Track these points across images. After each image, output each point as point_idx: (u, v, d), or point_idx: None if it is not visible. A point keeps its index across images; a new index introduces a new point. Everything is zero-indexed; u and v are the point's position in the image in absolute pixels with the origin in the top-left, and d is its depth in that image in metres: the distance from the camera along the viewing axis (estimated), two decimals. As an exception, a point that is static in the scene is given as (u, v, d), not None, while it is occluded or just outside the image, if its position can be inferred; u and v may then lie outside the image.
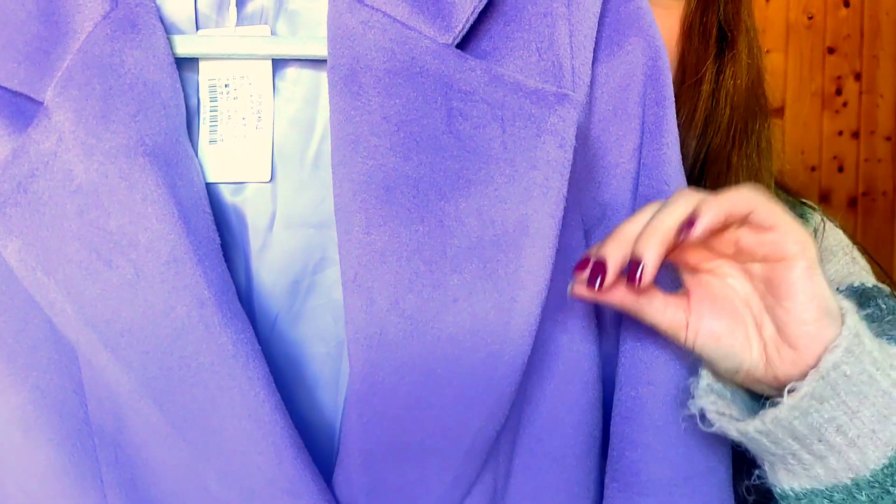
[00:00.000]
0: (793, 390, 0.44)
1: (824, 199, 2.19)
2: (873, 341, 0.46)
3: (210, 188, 0.50)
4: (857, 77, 2.22)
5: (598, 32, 0.50)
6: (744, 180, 0.71)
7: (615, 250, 0.45)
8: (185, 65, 0.50)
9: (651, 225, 0.44)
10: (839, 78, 2.21)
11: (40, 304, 0.45)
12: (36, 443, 0.48)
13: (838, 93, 2.22)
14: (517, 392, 0.47)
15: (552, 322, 0.50)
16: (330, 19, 0.48)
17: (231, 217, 0.51)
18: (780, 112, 2.14)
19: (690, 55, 0.70)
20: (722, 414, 0.47)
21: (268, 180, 0.51)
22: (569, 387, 0.51)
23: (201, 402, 0.44)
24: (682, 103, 0.71)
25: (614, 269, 0.45)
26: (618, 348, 0.53)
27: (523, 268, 0.45)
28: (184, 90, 0.49)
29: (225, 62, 0.51)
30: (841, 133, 2.22)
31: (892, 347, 0.47)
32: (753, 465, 0.52)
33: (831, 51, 2.21)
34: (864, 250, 0.78)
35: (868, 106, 2.23)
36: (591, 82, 0.50)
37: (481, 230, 0.45)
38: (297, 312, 0.51)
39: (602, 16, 0.51)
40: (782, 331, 0.45)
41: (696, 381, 0.49)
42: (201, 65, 0.51)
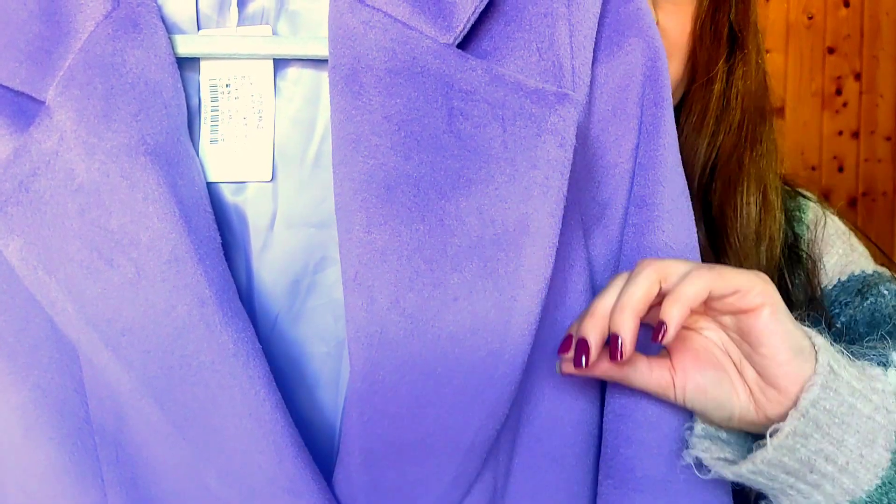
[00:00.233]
0: (776, 432, 0.47)
1: (824, 199, 2.18)
2: (850, 369, 0.48)
3: (211, 188, 0.50)
4: (857, 77, 2.23)
5: (597, 33, 0.50)
6: (754, 183, 0.71)
7: (593, 328, 0.47)
8: (187, 64, 0.50)
9: (621, 301, 0.47)
10: (839, 78, 2.21)
11: (41, 303, 0.45)
12: (37, 442, 0.48)
13: (838, 93, 2.22)
14: (517, 391, 0.47)
15: (552, 321, 0.50)
16: (331, 19, 0.48)
17: (232, 216, 0.51)
18: (780, 112, 2.14)
19: (702, 54, 0.70)
20: (717, 459, 0.49)
21: (269, 180, 0.51)
22: (568, 386, 0.51)
23: (202, 401, 0.44)
24: (694, 103, 0.71)
25: (596, 346, 0.47)
26: None
27: (523, 267, 0.45)
28: (185, 90, 0.49)
29: (226, 62, 0.51)
30: (841, 133, 2.22)
31: (872, 368, 0.49)
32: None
33: (831, 51, 2.21)
34: (864, 235, 0.78)
35: (868, 106, 2.23)
36: (591, 82, 0.50)
37: (482, 229, 0.45)
38: (298, 312, 0.51)
39: (602, 16, 0.51)
40: (763, 374, 0.48)
41: (690, 430, 0.51)
42: (202, 64, 0.51)
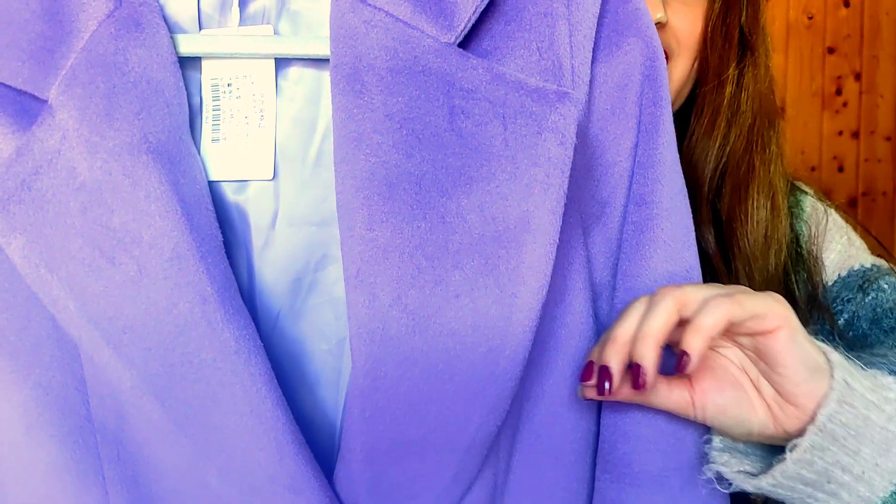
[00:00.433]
0: (795, 447, 0.48)
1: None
2: (864, 380, 0.49)
3: (213, 186, 0.50)
4: (857, 77, 2.22)
5: (596, 33, 0.51)
6: (763, 187, 0.71)
7: (615, 355, 0.48)
8: (189, 64, 0.50)
9: (642, 331, 0.48)
10: (839, 78, 2.21)
11: (43, 301, 0.45)
12: (38, 440, 0.48)
13: (838, 93, 2.21)
14: (517, 388, 0.47)
15: (551, 318, 0.50)
16: (332, 19, 0.48)
17: (234, 215, 0.51)
18: (781, 112, 2.14)
19: (713, 57, 0.70)
20: (737, 472, 0.50)
21: (270, 178, 0.51)
22: (568, 383, 0.51)
23: (203, 399, 0.44)
24: (705, 106, 0.71)
25: (618, 373, 0.48)
26: None
27: (524, 264, 0.45)
28: (187, 89, 0.49)
29: (228, 61, 0.51)
30: (841, 133, 2.22)
31: (884, 377, 0.50)
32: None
33: (831, 51, 2.21)
34: (864, 228, 0.78)
35: (868, 106, 2.22)
36: (590, 82, 0.51)
37: (483, 226, 0.46)
38: (299, 310, 0.51)
39: (601, 16, 0.51)
40: (781, 392, 0.49)
41: (709, 444, 0.51)
42: (204, 64, 0.51)
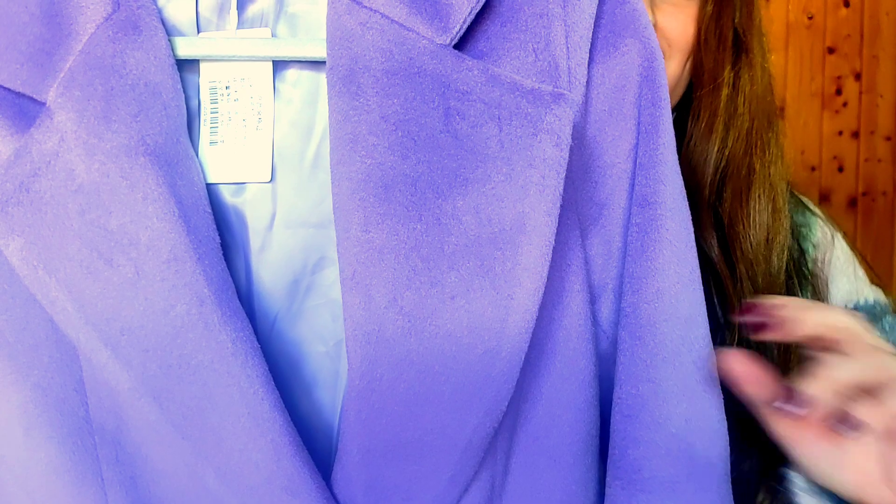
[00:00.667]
0: None
1: (824, 199, 2.18)
2: None
3: (210, 189, 0.50)
4: (857, 77, 2.22)
5: (593, 34, 0.51)
6: (764, 189, 0.69)
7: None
8: (187, 66, 0.50)
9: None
10: (839, 78, 2.21)
11: (41, 302, 0.45)
12: (37, 441, 0.48)
13: (838, 93, 2.21)
14: (514, 390, 0.47)
15: (548, 320, 0.50)
16: (329, 21, 0.48)
17: (231, 217, 0.51)
18: (781, 112, 2.14)
19: (708, 59, 0.68)
20: None
21: (268, 181, 0.51)
22: (566, 385, 0.51)
23: (200, 400, 0.44)
24: (702, 109, 0.69)
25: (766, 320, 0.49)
26: (616, 347, 0.53)
27: (520, 265, 0.45)
28: (185, 92, 0.49)
29: (226, 64, 0.51)
30: (841, 133, 2.22)
31: None
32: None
33: (831, 51, 2.21)
34: (862, 257, 0.77)
35: (868, 106, 2.22)
36: (588, 83, 0.50)
37: (478, 228, 0.46)
38: (297, 312, 0.51)
39: (598, 17, 0.51)
40: None
41: (784, 479, 0.50)
42: (202, 67, 0.51)
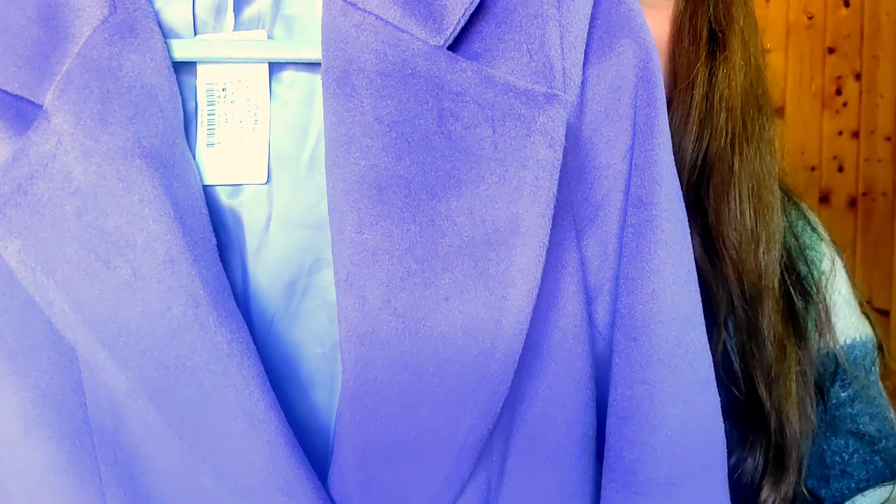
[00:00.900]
0: None
1: (824, 199, 2.18)
2: None
3: (207, 190, 0.50)
4: (857, 77, 2.22)
5: (589, 34, 0.50)
6: (745, 184, 0.68)
7: None
8: (184, 69, 0.51)
9: None
10: (839, 78, 2.21)
11: (39, 304, 0.46)
12: (36, 442, 0.48)
13: (838, 93, 2.21)
14: (510, 391, 0.47)
15: (544, 321, 0.50)
16: (324, 23, 0.49)
17: (228, 219, 0.51)
18: (780, 112, 2.14)
19: (682, 57, 0.68)
20: None
21: (264, 182, 0.51)
22: (561, 386, 0.51)
23: (196, 401, 0.44)
24: (676, 107, 0.68)
25: None
26: (612, 348, 0.53)
27: (514, 266, 0.45)
28: (182, 94, 0.49)
29: (222, 66, 0.51)
30: (841, 133, 2.22)
31: None
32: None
33: (831, 51, 2.21)
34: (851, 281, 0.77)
35: (868, 106, 2.22)
36: (583, 83, 0.50)
37: (472, 229, 0.46)
38: (294, 313, 0.51)
39: (593, 18, 0.51)
40: None
41: None
42: (199, 69, 0.51)
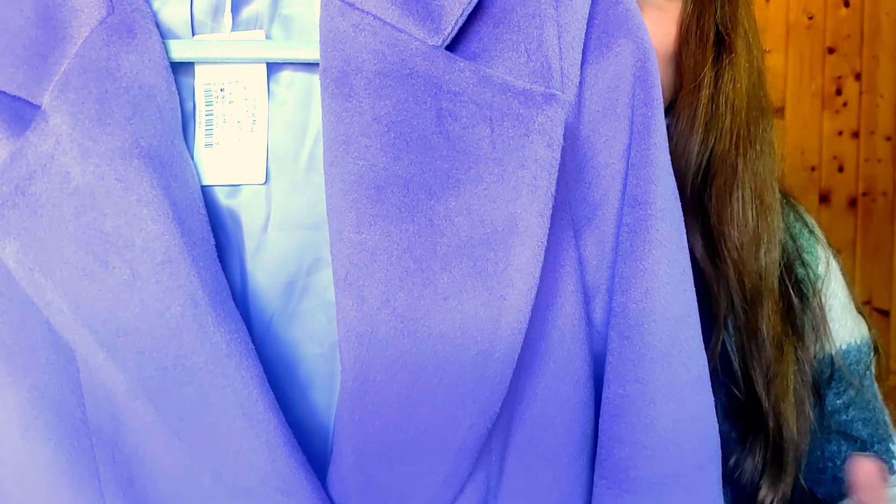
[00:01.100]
0: None
1: (824, 199, 2.18)
2: None
3: (205, 191, 0.50)
4: (857, 77, 2.22)
5: (586, 34, 0.51)
6: (748, 186, 0.69)
7: None
8: (182, 69, 0.51)
9: None
10: (839, 78, 2.21)
11: (38, 304, 0.46)
12: (34, 442, 0.48)
13: (838, 93, 2.21)
14: (508, 390, 0.47)
15: (542, 320, 0.50)
16: (322, 23, 0.49)
17: (226, 219, 0.51)
18: (780, 112, 2.13)
19: (688, 60, 0.68)
20: None
21: (262, 183, 0.51)
22: (560, 385, 0.51)
23: (195, 402, 0.44)
24: (682, 110, 0.69)
25: None
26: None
27: (513, 266, 0.45)
28: (180, 94, 0.49)
29: (220, 66, 0.51)
30: (841, 133, 2.21)
31: None
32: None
33: (831, 51, 2.21)
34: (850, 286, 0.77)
35: (868, 106, 2.22)
36: (581, 83, 0.50)
37: (471, 229, 0.46)
38: (292, 313, 0.51)
39: (591, 18, 0.51)
40: None
41: None
42: (197, 69, 0.51)
